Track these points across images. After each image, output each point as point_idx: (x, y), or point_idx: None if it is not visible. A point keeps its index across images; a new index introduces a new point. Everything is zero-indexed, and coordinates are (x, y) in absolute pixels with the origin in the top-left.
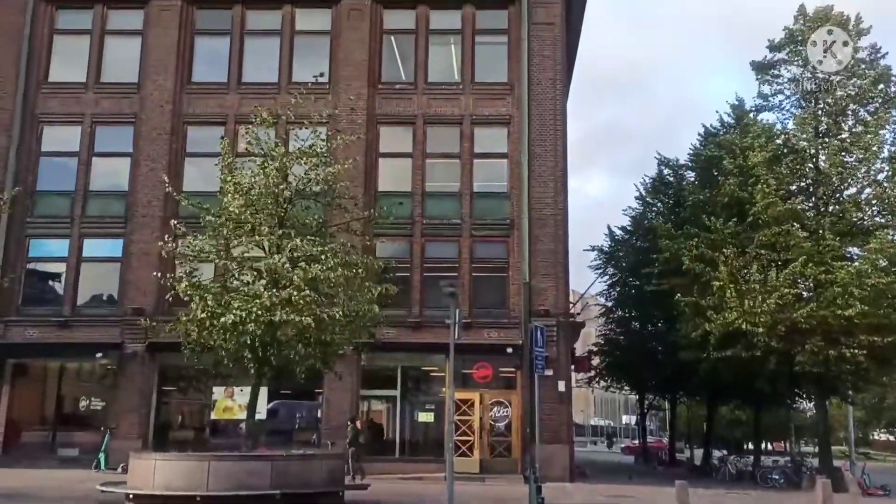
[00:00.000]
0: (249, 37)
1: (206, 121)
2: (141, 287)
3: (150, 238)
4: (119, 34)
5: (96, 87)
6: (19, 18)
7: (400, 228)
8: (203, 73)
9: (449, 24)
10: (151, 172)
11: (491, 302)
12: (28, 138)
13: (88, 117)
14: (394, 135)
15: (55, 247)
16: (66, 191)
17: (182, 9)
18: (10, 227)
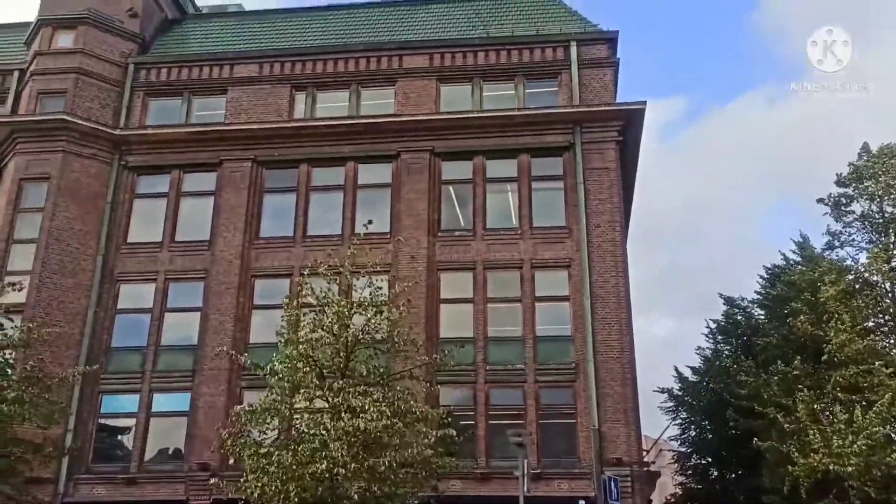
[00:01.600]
0: (314, 192)
1: (273, 273)
2: (207, 441)
3: (216, 391)
4: (193, 195)
5: (171, 245)
6: (104, 187)
7: (463, 375)
8: (270, 228)
9: (505, 173)
10: (220, 326)
11: (560, 450)
12: (106, 298)
13: (162, 274)
14: (454, 281)
15: (126, 402)
16: (139, 346)
17: (252, 170)
18: (84, 384)
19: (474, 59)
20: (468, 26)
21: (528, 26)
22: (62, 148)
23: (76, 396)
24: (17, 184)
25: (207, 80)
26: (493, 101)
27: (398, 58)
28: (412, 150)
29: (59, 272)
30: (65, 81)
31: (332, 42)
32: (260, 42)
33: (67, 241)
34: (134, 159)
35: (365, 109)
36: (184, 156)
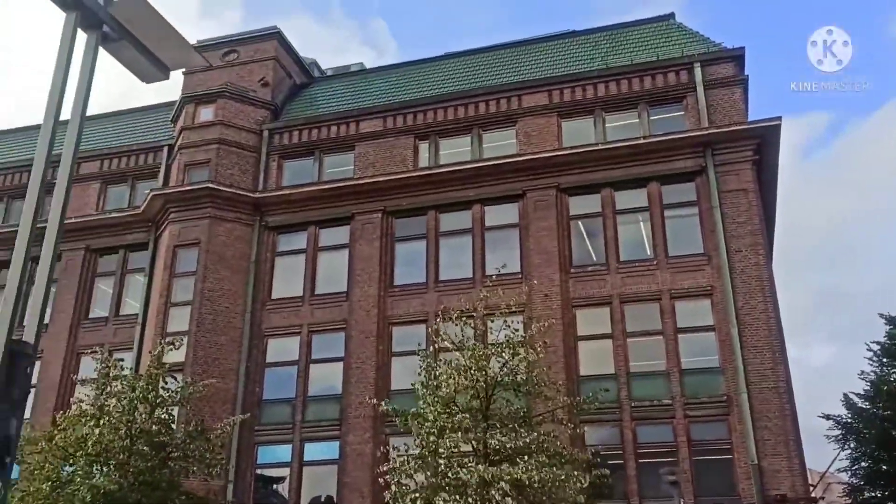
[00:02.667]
0: (444, 237)
1: (409, 320)
2: (358, 489)
3: (363, 439)
4: (329, 249)
5: (311, 299)
6: (248, 247)
7: (607, 413)
8: (403, 275)
9: (635, 203)
10: (362, 374)
11: (717, 488)
12: (255, 352)
13: (305, 327)
14: (591, 317)
15: (280, 452)
16: (288, 398)
17: (382, 220)
18: (241, 437)
19: (594, 92)
20: (586, 59)
21: (647, 53)
22: (209, 214)
23: (234, 449)
24: (171, 250)
25: (336, 138)
26: (616, 131)
27: (517, 98)
28: (538, 187)
29: (212, 331)
30: (208, 152)
31: (452, 89)
32: (382, 97)
33: (218, 301)
34: (273, 219)
35: (488, 152)
36: (318, 212)
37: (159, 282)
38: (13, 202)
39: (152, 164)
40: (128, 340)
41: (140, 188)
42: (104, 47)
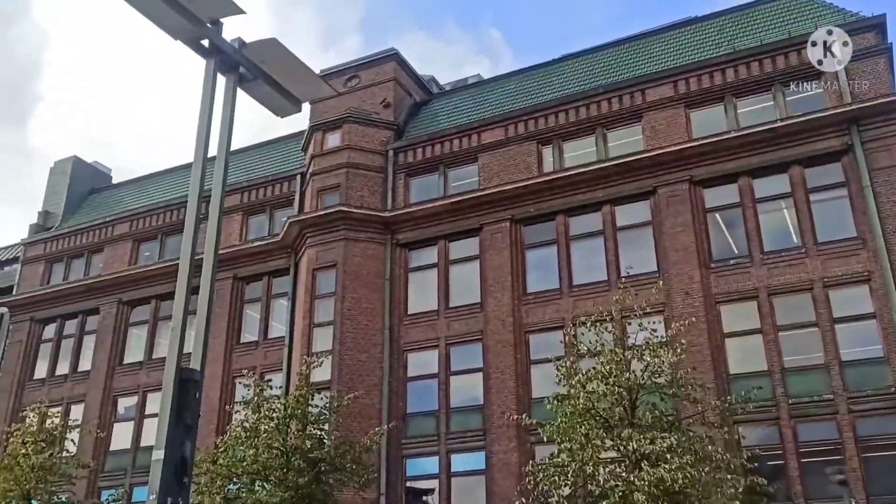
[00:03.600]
0: (574, 241)
1: (545, 327)
2: (506, 498)
3: (508, 448)
4: (460, 262)
5: (446, 312)
6: (381, 265)
7: (762, 412)
8: (536, 282)
9: (776, 189)
10: (501, 384)
11: (890, 486)
12: (396, 367)
13: (443, 340)
14: (737, 312)
15: (427, 464)
16: (431, 410)
17: (510, 229)
18: (389, 451)
19: (723, 77)
20: (712, 45)
21: (778, 31)
22: (343, 236)
23: (383, 462)
24: (310, 274)
25: (458, 151)
26: (750, 116)
27: (640, 92)
28: (669, 182)
29: (354, 348)
30: (338, 176)
31: (571, 91)
32: (502, 106)
33: (357, 319)
34: (403, 236)
35: (613, 151)
36: (447, 225)
37: (301, 304)
38: (167, 239)
39: (287, 192)
40: (277, 362)
41: (278, 216)
42: (241, 87)
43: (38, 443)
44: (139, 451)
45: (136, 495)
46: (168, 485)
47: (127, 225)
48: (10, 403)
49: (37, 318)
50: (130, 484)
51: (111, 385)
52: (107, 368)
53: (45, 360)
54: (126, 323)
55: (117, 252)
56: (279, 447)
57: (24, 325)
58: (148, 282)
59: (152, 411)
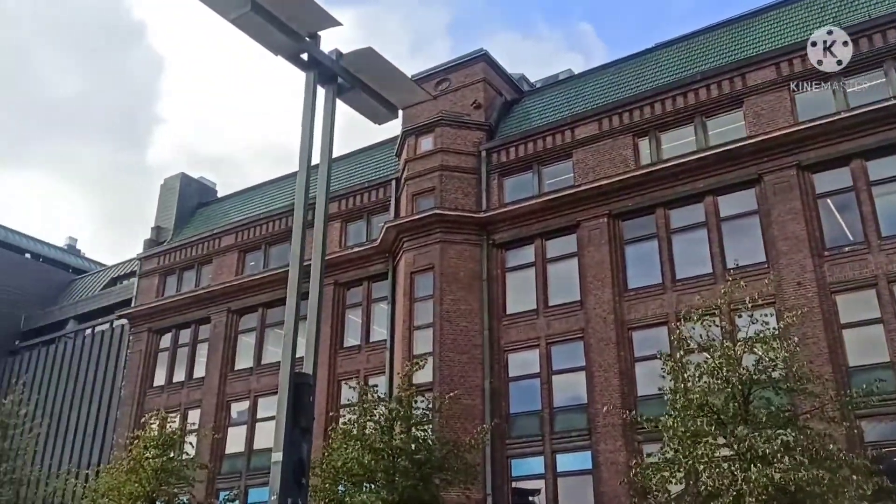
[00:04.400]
0: (676, 234)
1: (648, 324)
2: (615, 498)
3: (614, 447)
4: (558, 260)
5: (546, 311)
6: (478, 266)
7: (888, 405)
8: (638, 278)
9: (893, 171)
10: (605, 382)
11: None
12: (497, 368)
13: (543, 339)
14: (854, 301)
15: (533, 465)
16: (535, 410)
17: (609, 224)
18: (494, 451)
19: None
20: (815, 23)
21: (888, 4)
22: (439, 239)
23: (488, 462)
24: (408, 277)
25: (552, 148)
26: (860, 96)
27: (740, 77)
28: (776, 169)
29: (454, 350)
30: (432, 180)
31: (667, 80)
32: (595, 100)
33: (456, 321)
34: (499, 236)
35: (714, 139)
36: (543, 224)
37: (401, 308)
38: (270, 248)
39: (383, 197)
40: (379, 365)
41: (375, 222)
42: (339, 97)
43: (160, 447)
44: (253, 454)
45: (251, 496)
46: (287, 485)
47: (232, 237)
48: (132, 410)
49: (154, 329)
50: (245, 486)
51: (224, 391)
52: (219, 375)
53: (162, 368)
54: (236, 331)
55: (224, 263)
56: (384, 449)
57: (143, 335)
58: (254, 290)
59: (263, 415)
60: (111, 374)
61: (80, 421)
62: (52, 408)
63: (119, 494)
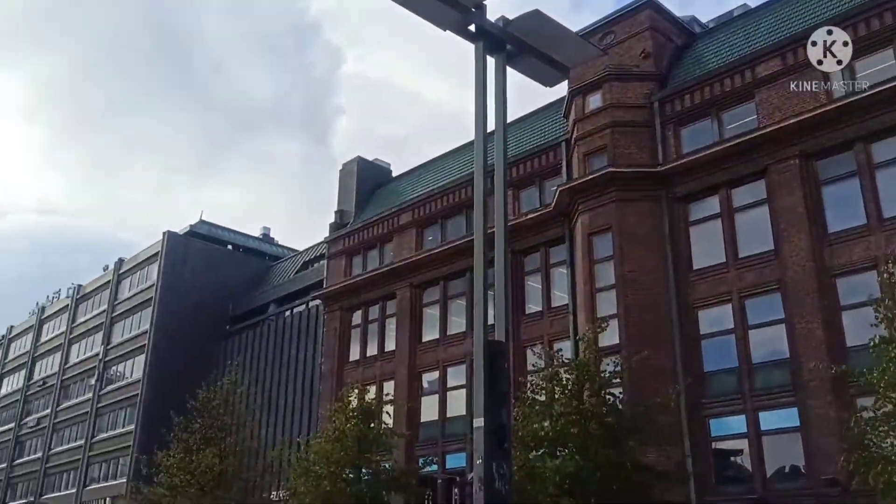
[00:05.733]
0: (880, 169)
1: (853, 269)
2: (828, 456)
3: (824, 402)
4: (745, 209)
5: (736, 263)
6: (659, 223)
7: None
8: (838, 220)
9: None
10: (808, 334)
11: None
12: (686, 325)
13: (735, 293)
14: None
15: (733, 424)
16: (731, 367)
17: (801, 166)
18: (690, 411)
19: None
20: None
21: None
22: (615, 198)
23: (685, 423)
24: (586, 239)
25: (731, 91)
26: None
27: None
28: None
29: (639, 310)
30: (603, 138)
31: (858, 2)
32: (776, 34)
33: (639, 280)
34: (679, 189)
35: None
36: (727, 172)
37: (581, 271)
38: (446, 222)
39: (554, 161)
40: (563, 330)
41: (547, 186)
42: (509, 64)
43: (359, 417)
44: (446, 422)
45: (448, 462)
46: (491, 450)
47: (409, 213)
48: (332, 384)
49: (345, 307)
50: (442, 452)
51: (414, 362)
52: (409, 347)
53: (356, 343)
54: (420, 304)
55: (404, 239)
56: (574, 414)
57: (336, 314)
58: (434, 264)
59: (452, 384)
60: (311, 351)
61: (287, 396)
62: (263, 385)
63: (328, 462)
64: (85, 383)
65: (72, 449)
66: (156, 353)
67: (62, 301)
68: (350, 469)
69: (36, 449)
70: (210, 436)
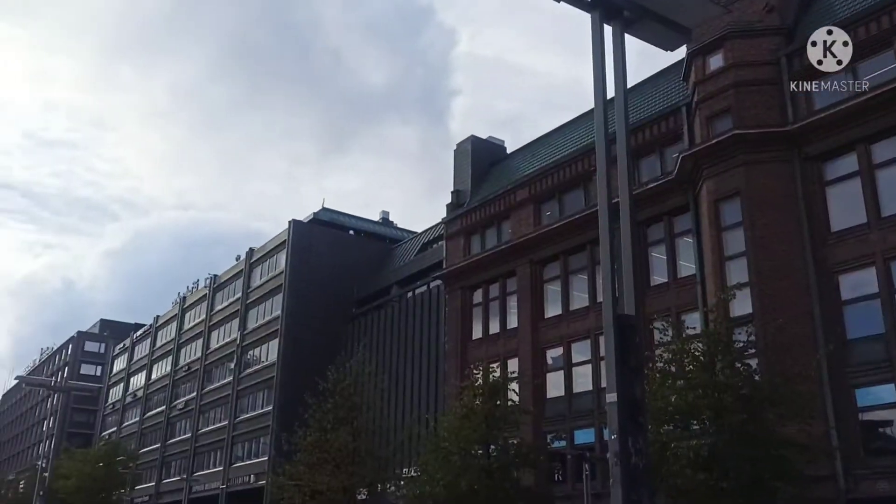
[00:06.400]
0: None
1: None
2: None
3: None
4: (886, 165)
5: (879, 223)
6: (790, 184)
7: None
8: None
9: None
10: None
11: None
12: (826, 291)
13: (880, 255)
14: None
15: (883, 393)
16: (878, 334)
17: None
18: (832, 380)
19: None
20: None
21: None
22: (742, 161)
23: (827, 393)
24: (712, 206)
25: (869, 38)
26: None
27: None
28: None
29: (772, 276)
30: (726, 99)
31: None
32: None
33: (771, 246)
34: (812, 148)
35: None
36: (865, 127)
37: (708, 239)
38: (563, 196)
39: (674, 127)
40: (690, 301)
41: (668, 154)
42: (626, 31)
43: (486, 395)
44: (573, 397)
45: (577, 438)
46: (625, 425)
47: (526, 190)
48: (456, 362)
49: (465, 286)
50: (570, 427)
51: (537, 339)
52: (531, 324)
53: (478, 321)
54: (540, 280)
55: (521, 216)
56: (707, 386)
57: (457, 293)
58: (553, 240)
59: (577, 360)
60: (434, 331)
61: (412, 375)
62: (388, 365)
63: (457, 438)
64: (225, 367)
65: (217, 429)
66: (288, 336)
67: (201, 291)
68: (479, 445)
69: (185, 430)
70: (342, 415)
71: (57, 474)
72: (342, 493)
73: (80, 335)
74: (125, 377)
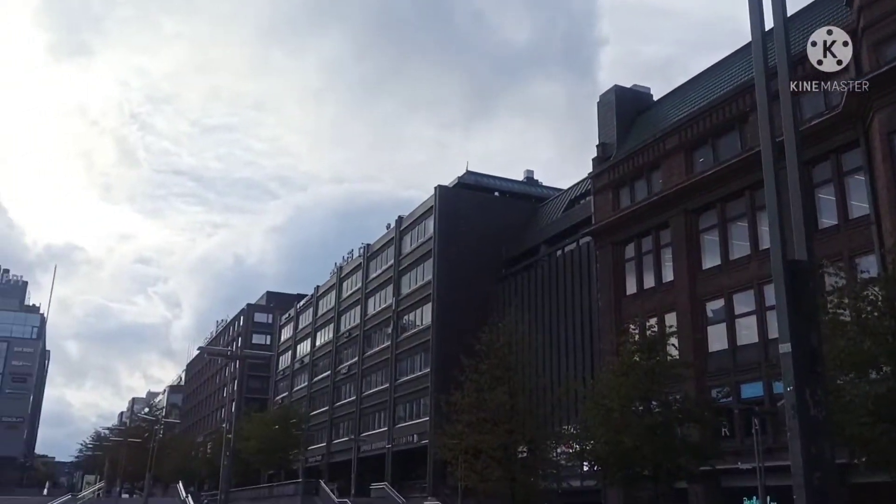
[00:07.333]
0: None
1: None
2: None
3: None
4: None
5: None
6: None
7: None
8: None
9: None
10: None
11: None
12: None
13: None
14: None
15: None
16: None
17: None
18: None
19: None
20: None
21: None
22: None
23: None
24: (886, 139)
25: None
26: None
27: None
28: None
29: None
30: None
31: None
32: None
33: None
34: None
35: None
36: None
37: (883, 175)
38: (716, 141)
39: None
40: (865, 243)
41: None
42: None
43: (645, 350)
44: (737, 351)
45: (743, 392)
46: (802, 376)
47: (676, 137)
48: (611, 318)
49: (616, 241)
50: (735, 381)
51: (696, 291)
52: (688, 276)
53: (632, 276)
54: (696, 230)
55: (673, 165)
56: (886, 333)
57: (608, 248)
58: (708, 187)
59: (740, 311)
60: (585, 288)
61: (566, 333)
62: (541, 324)
63: (618, 395)
64: (383, 332)
65: (379, 391)
66: (440, 300)
67: (356, 260)
68: (640, 402)
69: (350, 393)
70: (498, 375)
71: (238, 436)
72: (502, 451)
73: (249, 307)
74: (292, 345)
